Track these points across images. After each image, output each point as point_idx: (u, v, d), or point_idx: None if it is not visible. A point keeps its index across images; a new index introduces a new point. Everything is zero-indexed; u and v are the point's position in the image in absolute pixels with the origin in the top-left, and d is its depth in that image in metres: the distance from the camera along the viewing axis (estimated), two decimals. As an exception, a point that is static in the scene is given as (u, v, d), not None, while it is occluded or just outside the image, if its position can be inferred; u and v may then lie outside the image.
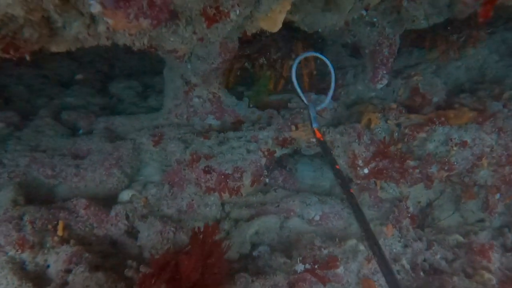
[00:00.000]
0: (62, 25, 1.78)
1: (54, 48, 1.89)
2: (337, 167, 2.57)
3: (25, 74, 5.12)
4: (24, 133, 3.81)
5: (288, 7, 2.26)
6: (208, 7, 2.05)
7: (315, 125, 2.95)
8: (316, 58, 4.53)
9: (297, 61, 3.09)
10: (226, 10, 2.10)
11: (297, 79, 3.04)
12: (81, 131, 3.94)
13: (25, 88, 4.85)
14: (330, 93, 3.11)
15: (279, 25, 2.33)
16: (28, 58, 1.75)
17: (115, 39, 1.96)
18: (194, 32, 2.14)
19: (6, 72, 5.01)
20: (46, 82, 5.12)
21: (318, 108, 3.11)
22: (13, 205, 2.95)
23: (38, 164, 3.36)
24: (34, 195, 3.25)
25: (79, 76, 4.64)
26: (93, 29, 1.85)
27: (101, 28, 1.82)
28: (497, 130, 3.13)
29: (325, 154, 2.75)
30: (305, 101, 3.12)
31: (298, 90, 3.06)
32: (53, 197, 3.34)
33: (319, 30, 3.26)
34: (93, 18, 1.82)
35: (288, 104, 3.88)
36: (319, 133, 2.88)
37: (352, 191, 2.52)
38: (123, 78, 5.35)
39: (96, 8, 1.65)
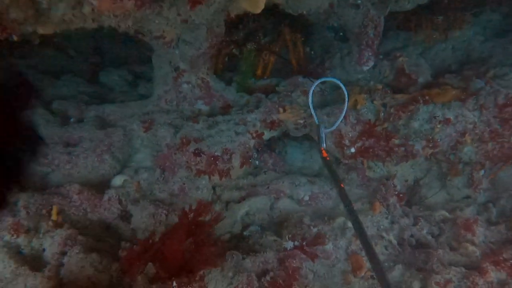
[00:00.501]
0: (48, 6, 1.81)
1: (41, 30, 1.92)
2: (342, 185, 2.65)
3: (14, 66, 5.12)
4: (16, 123, 3.84)
5: (270, -13, 2.30)
6: (191, -11, 2.09)
7: (323, 145, 3.02)
8: (304, 42, 4.60)
9: (314, 85, 3.20)
10: (209, -9, 2.14)
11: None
12: (72, 120, 3.97)
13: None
14: (342, 116, 3.15)
15: (262, 6, 2.37)
16: (15, 38, 1.78)
17: (101, 21, 1.99)
18: (178, 14, 2.17)
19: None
20: (35, 73, 5.13)
21: (328, 130, 3.18)
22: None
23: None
24: (27, 183, 3.30)
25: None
26: (79, 10, 1.88)
27: (86, 9, 1.86)
28: (479, 107, 3.21)
29: (330, 174, 2.82)
30: (316, 121, 3.20)
31: (312, 111, 3.19)
32: (46, 184, 3.39)
33: (304, 12, 3.30)
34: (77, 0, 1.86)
35: (276, 88, 3.93)
36: (325, 153, 2.95)
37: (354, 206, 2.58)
38: (113, 67, 5.37)
39: (79, -10, 1.69)
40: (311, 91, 3.17)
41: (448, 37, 4.83)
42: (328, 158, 2.93)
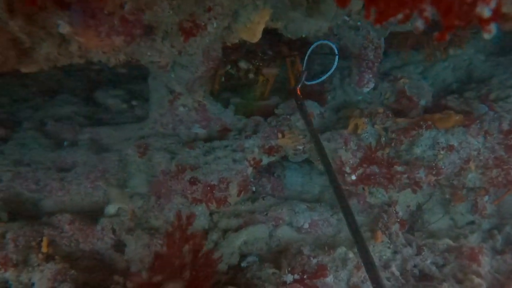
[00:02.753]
0: (31, 45, 1.73)
1: (24, 69, 1.84)
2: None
3: (8, 85, 5.05)
4: (8, 146, 3.75)
5: (267, 18, 2.23)
6: (184, 21, 2.02)
7: (298, 86, 3.48)
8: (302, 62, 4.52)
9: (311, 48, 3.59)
10: (203, 23, 2.06)
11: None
12: (66, 143, 3.88)
13: (9, 99, 4.79)
14: (329, 72, 3.57)
15: (259, 36, 2.30)
16: (-4, 81, 1.70)
17: (89, 57, 1.92)
18: (172, 46, 2.10)
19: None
20: (30, 93, 5.06)
21: (313, 82, 3.69)
22: (-4, 222, 2.91)
23: (22, 178, 3.31)
24: (18, 210, 3.21)
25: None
26: (65, 48, 1.81)
27: (73, 47, 1.78)
28: (483, 133, 3.12)
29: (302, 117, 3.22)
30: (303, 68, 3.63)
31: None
32: (38, 211, 3.29)
33: (303, 35, 3.23)
34: (63, 37, 1.78)
35: (275, 110, 3.85)
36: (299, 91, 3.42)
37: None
38: (109, 86, 5.29)
39: (65, 29, 1.61)
40: (307, 54, 3.59)
41: (448, 56, 4.77)
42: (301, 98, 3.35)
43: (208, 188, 3.01)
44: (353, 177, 3.19)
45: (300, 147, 3.34)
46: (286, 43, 4.38)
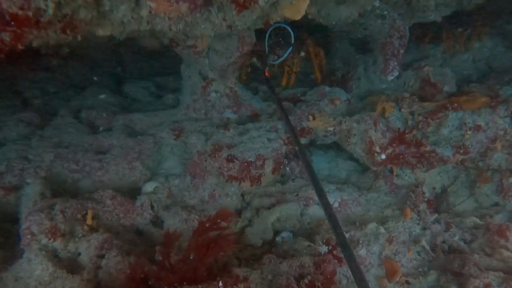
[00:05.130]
0: (110, 8, 1.88)
1: (100, 31, 1.99)
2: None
3: (40, 79, 5.22)
4: (46, 131, 3.91)
5: (311, -3, 2.37)
6: (240, -6, 2.15)
7: (266, 68, 3.88)
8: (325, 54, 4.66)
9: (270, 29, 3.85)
10: (256, -3, 2.20)
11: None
12: (101, 128, 4.03)
13: (41, 91, 4.96)
14: (285, 54, 3.96)
15: (302, 13, 2.42)
16: (79, 38, 1.84)
17: (154, 24, 2.06)
18: (224, 19, 2.24)
19: (23, 76, 5.12)
20: (60, 86, 5.23)
21: (276, 61, 4.05)
22: (41, 198, 3.03)
23: (63, 159, 3.45)
24: (59, 190, 3.34)
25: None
26: (137, 13, 1.95)
27: (144, 12, 1.93)
28: (510, 113, 3.23)
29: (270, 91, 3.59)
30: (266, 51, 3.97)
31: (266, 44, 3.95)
32: (77, 191, 3.42)
33: (334, 22, 3.37)
34: (137, 2, 1.92)
35: (302, 97, 3.98)
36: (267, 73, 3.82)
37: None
38: (135, 79, 5.46)
39: (143, -8, 1.75)
40: (267, 32, 3.85)
41: (468, 49, 4.89)
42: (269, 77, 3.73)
43: (245, 164, 3.13)
44: (383, 156, 3.30)
45: (331, 129, 3.46)
46: (308, 37, 4.53)
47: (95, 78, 5.16)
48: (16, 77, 5.03)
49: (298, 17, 2.46)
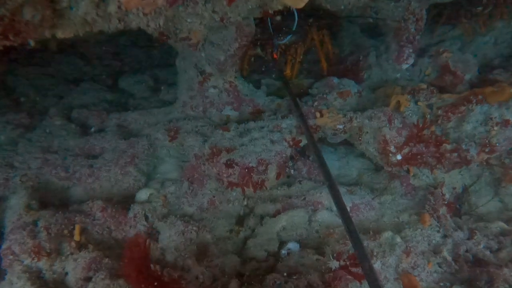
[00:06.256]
0: (68, 5, 1.57)
1: (60, 34, 1.68)
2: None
3: (33, 74, 4.97)
4: (35, 134, 3.66)
5: (313, -19, 2.05)
6: (228, -18, 1.84)
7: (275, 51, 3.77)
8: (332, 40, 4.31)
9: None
10: (248, -16, 1.89)
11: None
12: (92, 129, 3.77)
13: (34, 88, 4.70)
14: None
15: (306, 0, 2.10)
16: (32, 44, 1.55)
17: (127, 21, 1.75)
18: (214, 11, 1.92)
19: (14, 72, 4.88)
20: (54, 81, 4.96)
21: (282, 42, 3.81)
22: (27, 210, 2.79)
23: (51, 165, 3.20)
24: (48, 199, 3.10)
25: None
26: (103, 9, 1.64)
27: (112, 8, 1.62)
28: (541, 106, 2.89)
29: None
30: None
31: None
32: (67, 199, 3.19)
33: (342, 7, 3.02)
34: (103, -4, 1.62)
35: (309, 90, 3.66)
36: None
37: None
38: (132, 72, 5.17)
39: (103, -14, 1.45)
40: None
41: (489, 30, 4.48)
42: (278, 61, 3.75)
43: (246, 170, 2.84)
44: (399, 157, 2.98)
45: (341, 126, 3.14)
46: (314, 23, 4.18)
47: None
48: (7, 73, 4.79)
49: (300, 5, 2.13)
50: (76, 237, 2.69)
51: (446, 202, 3.10)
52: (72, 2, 1.54)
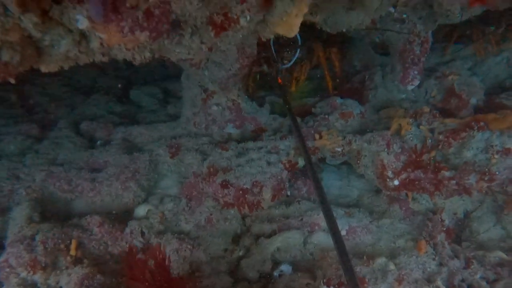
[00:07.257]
0: (50, 43, 1.62)
1: (44, 68, 1.74)
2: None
3: (49, 84, 5.10)
4: (43, 145, 3.76)
5: (305, 10, 2.05)
6: (215, 14, 1.87)
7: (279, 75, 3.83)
8: (341, 57, 4.30)
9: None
10: (235, 17, 1.90)
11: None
12: (99, 142, 3.85)
13: (48, 96, 4.83)
14: (294, 58, 3.83)
15: (296, 30, 2.11)
16: (12, 81, 1.61)
17: (112, 55, 1.80)
18: (202, 42, 1.96)
19: (31, 81, 5.02)
20: (68, 91, 5.09)
21: (285, 66, 3.86)
22: (28, 222, 2.88)
23: (55, 178, 3.28)
24: (51, 211, 3.18)
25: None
26: (85, 46, 1.69)
27: (94, 44, 1.66)
28: (545, 135, 2.82)
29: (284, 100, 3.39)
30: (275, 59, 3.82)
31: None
32: (69, 212, 3.26)
33: (343, 30, 3.02)
34: (83, 34, 1.66)
35: (312, 109, 3.66)
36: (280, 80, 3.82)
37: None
38: (144, 84, 5.26)
39: (84, 24, 1.49)
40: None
41: (502, 50, 4.40)
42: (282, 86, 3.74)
43: (241, 192, 2.86)
44: (396, 182, 2.95)
45: (339, 149, 3.13)
46: (319, 40, 4.18)
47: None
48: (24, 82, 4.93)
49: (292, 34, 2.14)
50: (72, 251, 2.75)
51: (445, 229, 3.05)
52: (53, 41, 1.58)
